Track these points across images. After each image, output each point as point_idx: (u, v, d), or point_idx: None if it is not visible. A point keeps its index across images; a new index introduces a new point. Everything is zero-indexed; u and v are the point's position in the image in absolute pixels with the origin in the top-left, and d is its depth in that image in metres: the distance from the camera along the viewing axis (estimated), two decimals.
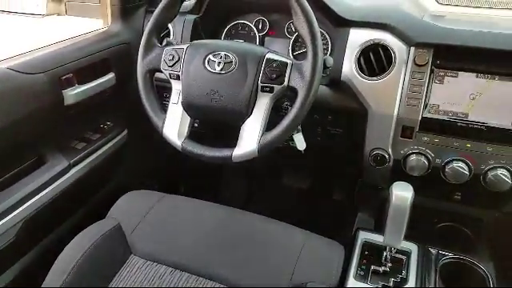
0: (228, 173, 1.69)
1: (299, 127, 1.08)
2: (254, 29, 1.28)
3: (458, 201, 1.09)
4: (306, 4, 0.86)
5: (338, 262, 0.94)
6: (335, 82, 1.08)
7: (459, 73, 0.97)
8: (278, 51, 0.92)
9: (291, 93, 0.88)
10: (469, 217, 1.16)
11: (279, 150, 1.21)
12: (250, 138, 0.88)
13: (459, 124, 0.97)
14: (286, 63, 0.87)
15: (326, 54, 1.17)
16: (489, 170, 0.96)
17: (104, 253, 0.95)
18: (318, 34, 0.86)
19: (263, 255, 0.95)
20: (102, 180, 1.35)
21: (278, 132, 0.87)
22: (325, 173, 1.48)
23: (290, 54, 1.24)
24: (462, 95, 0.97)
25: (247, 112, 0.88)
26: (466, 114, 0.97)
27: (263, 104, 0.88)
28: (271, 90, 0.88)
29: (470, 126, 0.96)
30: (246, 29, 1.29)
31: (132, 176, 1.48)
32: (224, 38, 1.30)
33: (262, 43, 1.28)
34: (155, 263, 0.95)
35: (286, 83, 0.87)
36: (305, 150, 1.11)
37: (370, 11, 1.10)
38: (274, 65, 0.87)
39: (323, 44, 1.17)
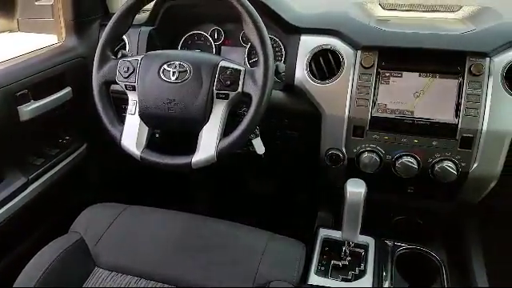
0: (193, 181, 1.70)
1: (257, 132, 1.12)
2: (210, 39, 1.30)
3: (412, 194, 1.15)
4: (255, 13, 0.90)
5: (300, 259, 0.97)
6: (289, 86, 1.12)
7: (403, 73, 1.03)
8: (233, 60, 0.95)
9: (246, 98, 0.91)
10: (422, 209, 1.22)
11: (240, 156, 1.24)
12: (208, 144, 0.90)
13: (405, 121, 1.02)
14: (240, 70, 0.90)
15: (281, 60, 1.21)
16: (435, 162, 1.02)
17: (67, 267, 0.94)
18: (268, 41, 0.90)
19: (227, 258, 0.97)
20: (63, 195, 1.34)
21: (235, 137, 0.89)
22: (287, 175, 1.52)
23: (247, 62, 1.27)
24: (407, 94, 1.03)
25: (204, 119, 0.91)
26: (412, 111, 1.03)
27: (219, 110, 0.91)
28: (226, 97, 0.90)
29: (416, 122, 1.02)
30: (202, 39, 1.31)
31: (95, 189, 1.47)
32: (181, 49, 1.32)
33: (218, 52, 1.31)
34: (120, 274, 0.95)
35: (240, 89, 0.90)
36: (265, 154, 1.14)
37: (319, 18, 1.15)
38: (228, 72, 0.90)
39: (277, 51, 1.22)
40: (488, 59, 0.98)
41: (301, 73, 1.10)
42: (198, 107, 0.90)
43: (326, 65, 1.09)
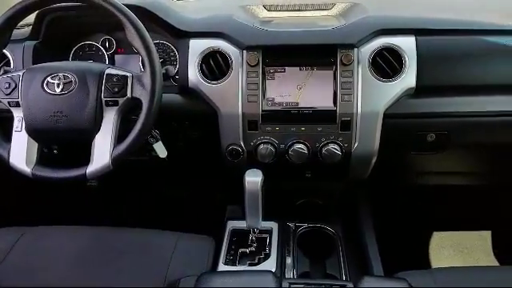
0: (102, 193, 1.66)
1: (157, 136, 1.14)
2: (102, 48, 1.30)
3: (309, 178, 1.25)
4: (136, 19, 0.92)
5: (209, 253, 1.02)
6: (184, 89, 1.16)
7: (286, 68, 1.12)
8: (128, 67, 0.97)
9: (137, 104, 0.93)
10: (320, 190, 1.33)
11: (145, 162, 1.25)
12: (102, 153, 0.91)
13: (292, 112, 1.11)
14: (127, 76, 0.92)
15: (175, 63, 1.25)
16: (322, 146, 1.12)
17: None
18: (152, 46, 0.93)
19: (136, 264, 0.98)
20: None
21: (128, 143, 0.91)
22: (195, 175, 1.56)
23: (141, 69, 1.29)
24: (291, 87, 1.12)
25: (95, 128, 0.91)
26: (297, 102, 1.12)
27: (110, 118, 0.92)
28: (116, 104, 0.92)
29: (301, 112, 1.11)
30: (94, 49, 1.30)
31: None
32: (72, 61, 1.30)
33: (112, 62, 1.31)
34: None
35: (129, 95, 0.92)
36: (170, 156, 1.17)
37: (206, 22, 1.20)
38: (115, 79, 0.92)
39: (171, 55, 1.25)
40: (356, 49, 1.10)
41: (193, 75, 1.14)
42: (87, 117, 0.90)
43: (216, 66, 1.14)
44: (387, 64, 1.10)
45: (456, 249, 1.79)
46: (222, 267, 1.03)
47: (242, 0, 1.42)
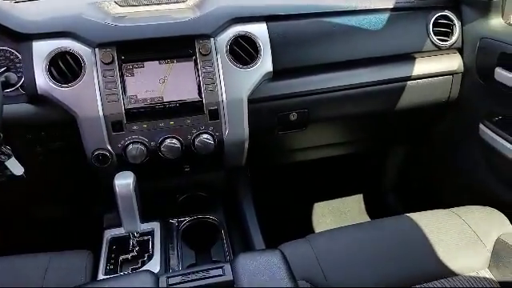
0: None
1: (9, 152, 1.02)
2: None
3: (189, 172, 1.24)
4: None
5: (87, 267, 0.95)
6: (34, 97, 1.05)
7: (145, 63, 1.09)
8: None
9: None
10: (202, 183, 1.33)
11: (1, 183, 1.11)
12: None
13: (158, 107, 1.09)
14: None
15: (17, 70, 1.12)
16: (194, 138, 1.11)
17: None
18: None
19: None
20: None
21: None
22: (67, 188, 1.44)
23: None
24: (153, 82, 1.09)
25: None
26: (161, 97, 1.09)
27: None
28: None
29: (167, 106, 1.09)
30: None
31: None
32: None
33: None
34: None
35: None
36: (31, 172, 1.06)
37: (50, 22, 1.10)
38: None
39: (16, 62, 1.12)
40: (212, 39, 1.11)
41: (42, 80, 1.04)
42: None
43: (67, 68, 1.06)
44: (244, 51, 1.13)
45: (335, 214, 1.96)
46: (101, 278, 0.97)
47: None
